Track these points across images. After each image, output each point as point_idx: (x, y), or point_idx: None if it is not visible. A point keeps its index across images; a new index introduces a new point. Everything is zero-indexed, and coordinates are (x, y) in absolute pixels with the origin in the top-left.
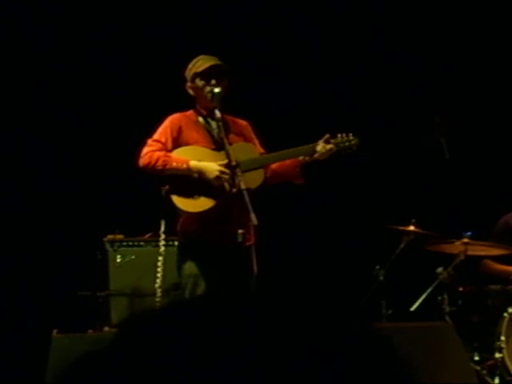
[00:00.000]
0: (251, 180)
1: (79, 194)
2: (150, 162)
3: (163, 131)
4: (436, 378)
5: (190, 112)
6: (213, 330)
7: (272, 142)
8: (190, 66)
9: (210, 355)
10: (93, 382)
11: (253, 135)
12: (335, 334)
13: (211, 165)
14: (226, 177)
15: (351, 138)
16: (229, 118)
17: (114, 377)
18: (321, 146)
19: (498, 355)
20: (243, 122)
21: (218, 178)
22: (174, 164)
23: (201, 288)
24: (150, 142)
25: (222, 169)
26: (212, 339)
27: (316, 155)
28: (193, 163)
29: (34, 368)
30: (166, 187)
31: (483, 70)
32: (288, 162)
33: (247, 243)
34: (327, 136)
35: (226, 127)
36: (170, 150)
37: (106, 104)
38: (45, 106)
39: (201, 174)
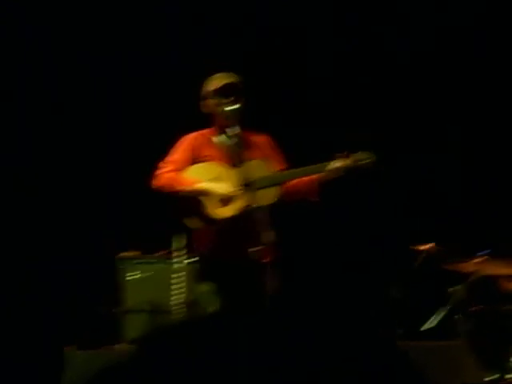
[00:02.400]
0: (266, 197)
1: (94, 211)
2: (158, 185)
3: (175, 151)
4: None
5: (207, 130)
6: (227, 347)
7: (290, 158)
8: (205, 84)
9: (226, 370)
10: None
11: (273, 150)
12: (352, 351)
13: (217, 187)
14: (230, 202)
15: (368, 155)
16: (248, 133)
17: None
18: (336, 164)
19: (511, 375)
20: (263, 138)
21: (222, 201)
22: (180, 185)
23: (215, 305)
24: (162, 164)
25: (227, 193)
26: (227, 355)
27: (331, 173)
28: (199, 186)
29: None
30: (176, 206)
31: (499, 79)
32: (305, 179)
33: (264, 261)
34: (343, 154)
35: (244, 143)
36: (186, 168)
37: (122, 122)
38: (58, 122)
39: (207, 192)
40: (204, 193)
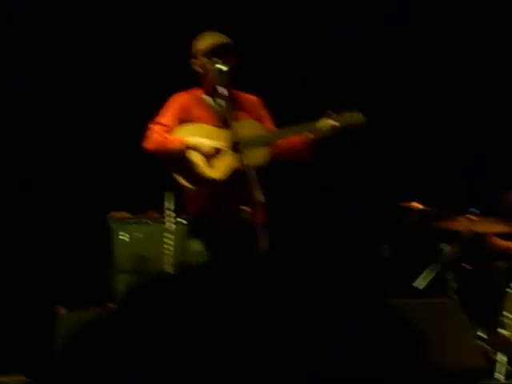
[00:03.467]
0: (256, 157)
1: (84, 171)
2: (150, 147)
3: (165, 111)
4: (441, 354)
5: (196, 90)
6: (215, 299)
7: (280, 119)
8: (194, 41)
9: (215, 323)
10: (99, 350)
11: (263, 112)
12: (346, 309)
13: (204, 141)
14: (220, 161)
15: (355, 114)
16: (239, 94)
17: (120, 344)
18: (323, 123)
19: (501, 331)
20: (253, 98)
21: (209, 152)
22: (169, 145)
23: None
24: (152, 125)
25: (215, 146)
26: (215, 308)
27: (319, 132)
28: (186, 140)
29: (41, 345)
30: (170, 165)
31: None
32: (296, 139)
33: (255, 221)
34: (329, 112)
35: (234, 104)
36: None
37: (112, 81)
38: (53, 82)
39: (196, 147)
40: (193, 147)
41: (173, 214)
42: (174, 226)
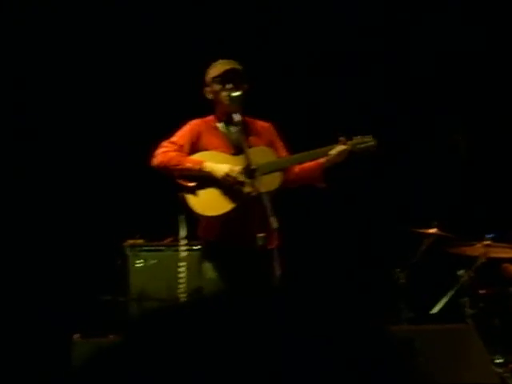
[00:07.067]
0: (270, 183)
1: (99, 198)
2: (162, 161)
3: (182, 134)
4: (458, 381)
5: (210, 117)
6: (227, 326)
7: (293, 145)
8: (208, 70)
9: (224, 352)
10: (108, 379)
11: (275, 137)
12: (352, 337)
13: (222, 166)
14: (230, 179)
15: (368, 139)
16: (250, 120)
17: (129, 372)
18: (337, 148)
19: None
20: (265, 124)
21: (224, 178)
22: (188, 164)
23: None
24: (165, 143)
25: (231, 169)
26: (225, 336)
27: (332, 158)
28: (206, 164)
29: (55, 373)
30: (183, 193)
31: (502, 72)
32: (309, 165)
33: (269, 247)
34: (343, 138)
35: (247, 130)
36: (187, 155)
37: (128, 110)
38: (64, 109)
39: (211, 173)
40: (209, 172)
41: (186, 241)
42: (188, 253)
